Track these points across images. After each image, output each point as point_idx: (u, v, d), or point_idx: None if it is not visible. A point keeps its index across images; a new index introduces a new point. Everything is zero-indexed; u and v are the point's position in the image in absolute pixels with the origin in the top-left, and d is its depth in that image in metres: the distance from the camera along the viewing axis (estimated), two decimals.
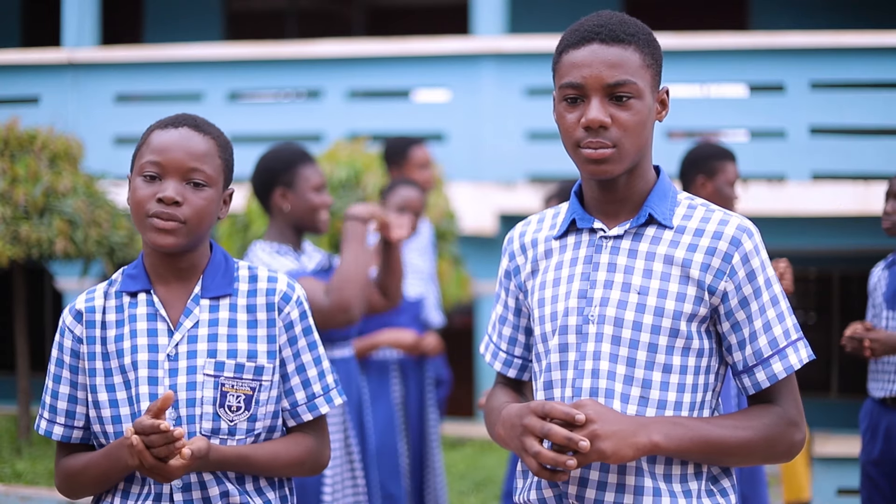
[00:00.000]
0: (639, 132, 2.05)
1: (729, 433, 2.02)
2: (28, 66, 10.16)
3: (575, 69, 2.04)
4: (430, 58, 9.64)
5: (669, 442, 1.99)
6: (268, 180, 3.82)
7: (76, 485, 2.31)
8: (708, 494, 2.07)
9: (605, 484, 2.03)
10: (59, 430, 2.31)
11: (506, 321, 2.28)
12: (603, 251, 2.10)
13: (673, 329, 2.04)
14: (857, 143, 9.10)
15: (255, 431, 2.28)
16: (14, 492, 5.98)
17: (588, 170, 2.06)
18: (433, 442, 4.86)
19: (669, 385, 2.04)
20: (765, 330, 2.07)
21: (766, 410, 2.08)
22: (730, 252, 2.05)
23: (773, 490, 7.17)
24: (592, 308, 2.07)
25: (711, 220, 2.08)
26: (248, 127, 9.76)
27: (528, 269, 2.21)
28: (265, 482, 2.31)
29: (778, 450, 2.07)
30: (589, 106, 2.03)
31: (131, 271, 2.31)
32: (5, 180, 6.98)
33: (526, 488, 2.14)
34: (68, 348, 2.29)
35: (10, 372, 10.64)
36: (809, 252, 10.59)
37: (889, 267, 4.39)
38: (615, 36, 2.04)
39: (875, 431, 4.37)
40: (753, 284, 2.06)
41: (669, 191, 2.14)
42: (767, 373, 2.07)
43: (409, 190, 4.89)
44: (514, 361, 2.29)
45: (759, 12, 12.11)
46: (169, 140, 2.24)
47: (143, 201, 2.21)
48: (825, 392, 11.76)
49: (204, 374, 2.22)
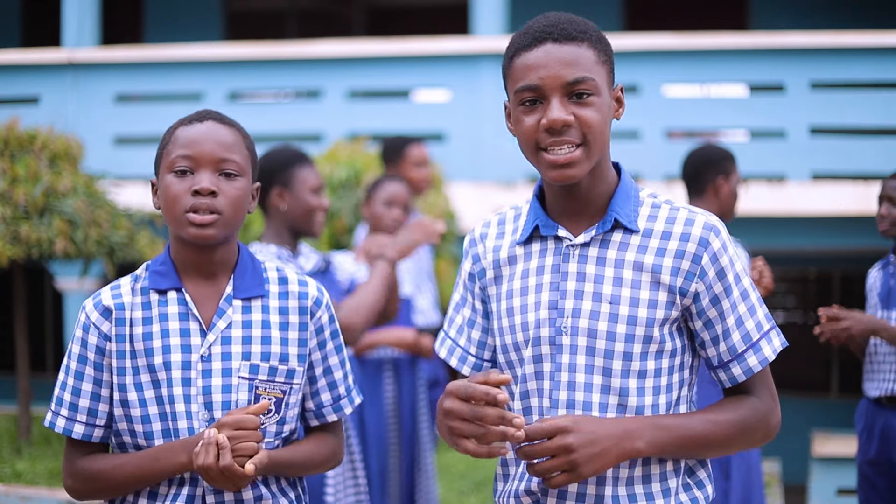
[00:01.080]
0: (602, 129, 2.01)
1: (708, 428, 2.03)
2: (28, 66, 10.16)
3: (530, 71, 2.00)
4: (430, 58, 9.64)
5: (653, 448, 1.99)
6: (265, 180, 3.82)
7: (101, 486, 2.25)
8: (685, 489, 2.07)
9: (583, 495, 2.02)
10: (79, 429, 2.26)
11: (475, 324, 2.23)
12: (571, 260, 2.07)
13: (647, 336, 2.03)
14: (857, 143, 9.10)
15: (283, 434, 2.28)
16: (14, 492, 5.98)
17: (552, 175, 2.01)
18: (425, 443, 4.85)
19: (646, 390, 2.04)
20: (737, 325, 2.06)
21: (742, 402, 2.08)
22: (698, 253, 2.03)
23: (771, 490, 7.18)
24: (565, 319, 2.04)
25: (677, 221, 2.06)
26: (248, 127, 9.56)
27: (490, 275, 2.16)
28: (286, 482, 2.31)
29: (755, 437, 2.09)
30: (549, 107, 1.99)
31: (158, 268, 2.27)
32: (5, 180, 6.98)
33: (505, 493, 2.13)
34: (93, 345, 2.24)
35: (10, 372, 10.64)
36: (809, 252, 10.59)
37: (884, 267, 4.40)
38: (567, 34, 2.00)
39: (871, 431, 4.37)
40: (724, 282, 2.05)
41: (632, 191, 2.10)
42: (743, 367, 2.08)
43: (395, 184, 4.87)
44: (484, 365, 2.24)
45: (759, 12, 12.11)
46: (197, 133, 2.23)
47: (178, 196, 2.19)
48: (825, 392, 11.76)
49: (239, 377, 2.20)
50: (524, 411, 2.09)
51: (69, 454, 2.30)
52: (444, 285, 7.48)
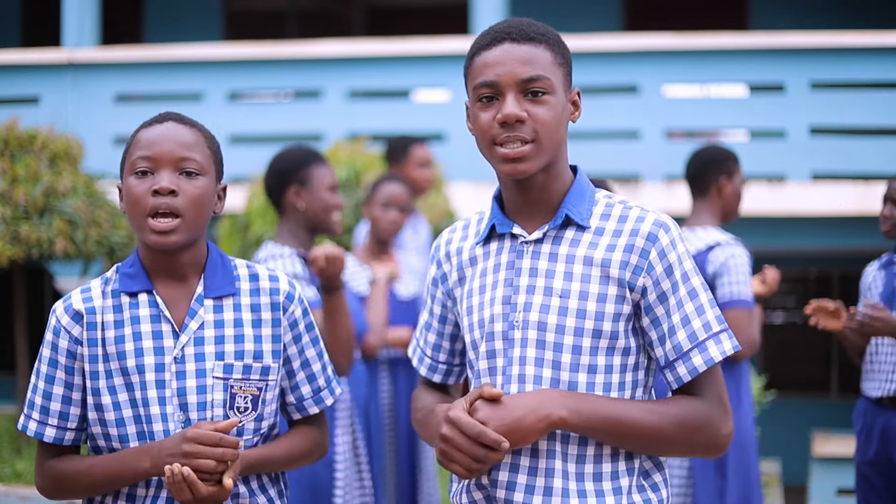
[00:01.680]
0: (554, 127, 2.06)
1: (642, 415, 2.02)
2: (28, 66, 10.16)
3: (488, 68, 2.07)
4: (430, 58, 9.64)
5: (577, 417, 1.99)
6: (281, 178, 3.84)
7: (70, 487, 2.27)
8: (639, 490, 2.07)
9: (532, 487, 2.03)
10: (50, 432, 2.27)
11: (430, 327, 2.30)
12: (524, 256, 2.11)
13: (596, 330, 2.04)
14: (857, 143, 9.10)
15: (261, 431, 2.28)
16: (14, 492, 5.98)
17: (504, 169, 2.07)
18: (424, 443, 4.84)
19: (595, 386, 2.05)
20: (683, 324, 2.06)
21: (683, 399, 2.07)
22: (647, 248, 2.06)
23: (771, 490, 7.17)
24: (517, 314, 2.08)
25: (629, 218, 2.09)
26: (248, 127, 9.76)
27: (454, 277, 2.22)
28: (266, 479, 2.32)
29: (697, 441, 2.06)
30: (504, 102, 2.05)
31: (128, 270, 2.28)
32: (5, 180, 6.98)
33: (458, 492, 2.16)
34: (64, 349, 2.25)
35: (10, 372, 10.64)
36: (809, 252, 10.59)
37: (885, 267, 4.39)
38: (525, 35, 2.08)
39: (870, 431, 4.36)
40: (671, 279, 2.06)
41: (587, 191, 2.14)
42: (688, 366, 2.07)
43: (394, 186, 4.85)
44: (439, 367, 2.31)
45: (759, 12, 12.11)
46: (156, 134, 2.24)
47: (139, 197, 2.20)
48: (825, 392, 11.76)
49: (214, 377, 2.21)
50: None
51: (40, 455, 2.32)
52: None
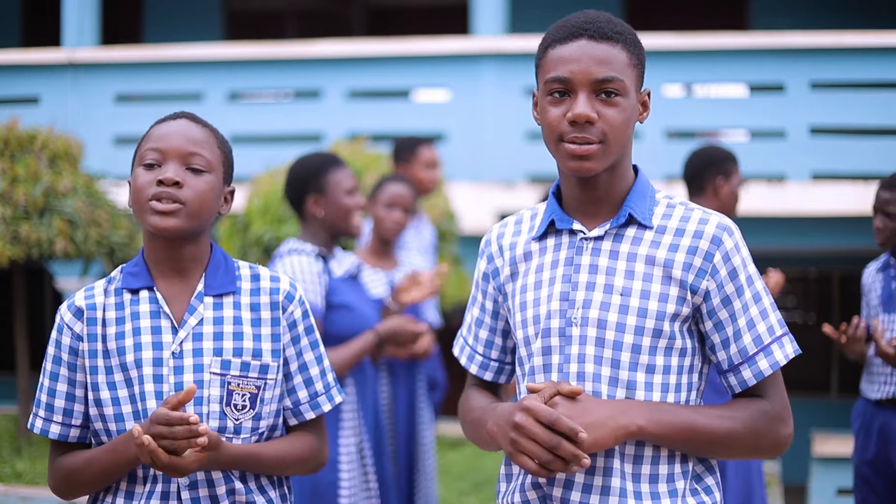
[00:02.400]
0: (623, 130, 2.04)
1: (714, 422, 2.02)
2: (28, 66, 10.16)
3: (562, 64, 2.04)
4: (430, 58, 9.64)
5: (655, 427, 1.98)
6: (300, 188, 3.88)
7: (75, 483, 2.29)
8: (692, 493, 2.07)
9: (589, 486, 2.02)
10: (56, 429, 2.30)
11: (482, 324, 2.27)
12: (584, 253, 2.09)
13: (656, 329, 2.03)
14: (857, 143, 9.10)
15: (259, 430, 2.28)
16: (14, 492, 5.98)
17: (570, 166, 2.05)
18: (425, 444, 4.83)
19: (654, 385, 2.04)
20: (748, 328, 2.06)
21: (751, 403, 2.07)
22: (711, 251, 2.04)
23: (771, 490, 7.17)
24: (575, 310, 2.06)
25: (691, 220, 2.08)
26: (248, 127, 9.76)
27: (506, 272, 2.19)
28: (266, 480, 2.32)
29: (763, 443, 2.06)
30: (576, 101, 2.03)
31: (132, 269, 2.31)
32: (5, 180, 6.98)
33: (510, 491, 2.13)
34: (67, 345, 2.28)
35: (10, 372, 10.64)
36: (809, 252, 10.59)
37: (883, 269, 4.39)
38: (603, 33, 2.05)
39: (868, 431, 4.36)
40: (735, 282, 2.05)
41: (648, 190, 2.13)
42: (753, 370, 2.07)
43: (398, 186, 4.84)
44: (491, 364, 2.28)
45: (759, 12, 12.10)
46: (168, 129, 2.27)
47: (143, 186, 2.22)
48: (825, 392, 11.76)
49: (210, 373, 2.22)
50: None
51: (51, 454, 2.35)
52: (443, 285, 7.48)
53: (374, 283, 4.50)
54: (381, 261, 4.80)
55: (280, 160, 7.74)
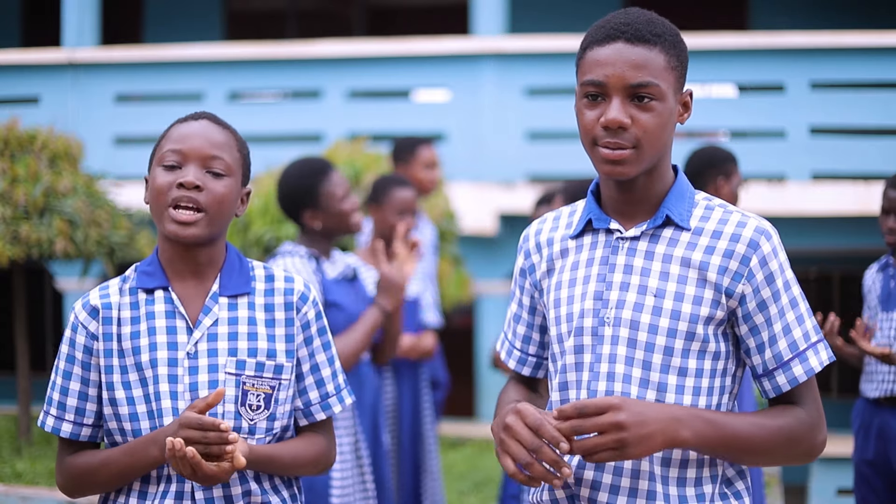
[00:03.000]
0: (658, 135, 2.02)
1: (754, 431, 2.00)
2: (28, 66, 10.16)
3: (598, 67, 2.01)
4: (430, 58, 9.64)
5: (698, 440, 1.97)
6: (294, 204, 3.89)
7: (88, 483, 2.28)
8: (721, 497, 2.05)
9: (617, 488, 2.01)
10: (67, 428, 2.29)
11: (520, 319, 2.27)
12: (619, 252, 2.08)
13: (689, 332, 2.02)
14: (857, 143, 9.10)
15: (274, 431, 2.28)
16: (14, 492, 5.98)
17: (604, 170, 2.04)
18: (429, 444, 4.83)
19: (685, 388, 2.02)
20: (784, 333, 2.04)
21: (788, 410, 2.05)
22: (748, 255, 2.03)
23: (771, 490, 7.17)
24: (608, 310, 2.05)
25: (729, 222, 2.06)
26: (248, 127, 9.75)
27: (543, 268, 2.19)
28: (279, 480, 2.32)
29: (799, 450, 2.06)
30: (609, 105, 2.00)
31: (146, 268, 2.30)
32: (5, 180, 6.98)
33: (539, 489, 2.12)
34: (81, 344, 2.27)
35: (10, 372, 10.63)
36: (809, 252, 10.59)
37: (883, 269, 4.40)
38: (641, 36, 2.01)
39: (868, 430, 4.38)
40: (772, 287, 2.04)
41: (687, 192, 2.11)
42: (788, 376, 2.05)
43: (406, 191, 4.79)
44: (529, 359, 2.28)
45: (759, 12, 12.10)
46: (189, 130, 2.27)
47: (163, 188, 2.22)
48: (825, 392, 11.74)
49: (225, 373, 2.22)
50: (562, 403, 2.09)
51: (60, 453, 2.34)
52: (444, 285, 7.48)
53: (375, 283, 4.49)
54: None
55: (280, 160, 7.74)
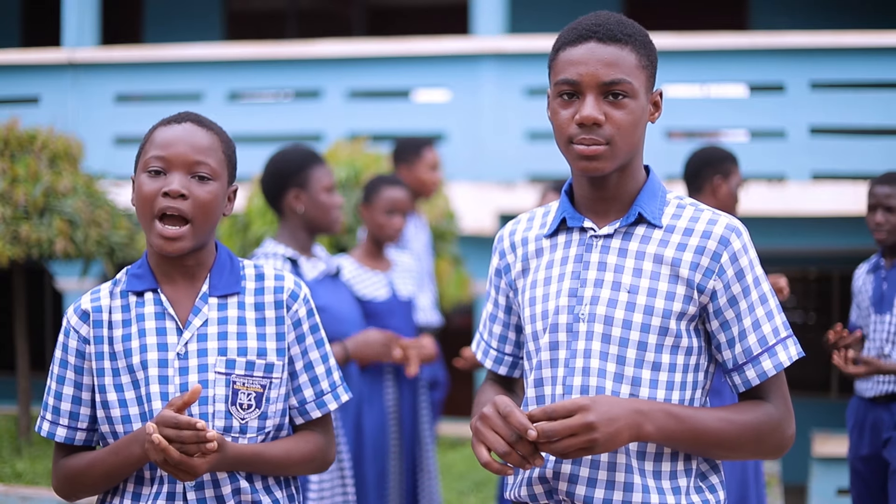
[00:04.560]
0: (631, 131, 2.07)
1: (721, 426, 2.04)
2: (28, 66, 10.16)
3: (571, 66, 2.07)
4: (430, 58, 9.64)
5: (661, 434, 2.01)
6: (280, 182, 3.85)
7: (79, 484, 2.29)
8: (696, 491, 2.09)
9: (594, 481, 2.05)
10: (62, 432, 2.29)
11: (496, 318, 2.31)
12: (593, 250, 2.12)
13: (662, 327, 2.06)
14: (858, 143, 9.10)
15: (266, 429, 2.28)
16: (14, 492, 5.98)
17: (579, 166, 2.08)
18: (427, 444, 4.83)
19: (659, 383, 2.06)
20: (754, 328, 2.09)
21: (756, 405, 2.09)
22: (718, 251, 2.07)
23: (771, 490, 7.17)
24: (583, 307, 2.09)
25: (700, 220, 2.11)
26: (248, 127, 9.76)
27: (518, 268, 2.23)
28: (273, 480, 2.32)
29: (767, 445, 2.09)
30: (584, 103, 2.06)
31: (136, 271, 2.31)
32: (5, 180, 6.98)
33: (517, 485, 2.16)
34: (73, 349, 2.28)
35: (10, 372, 10.64)
36: (809, 252, 10.59)
37: (873, 271, 4.43)
38: (612, 35, 2.07)
39: (862, 428, 4.42)
40: (742, 283, 2.08)
41: (659, 190, 2.16)
42: (757, 370, 2.09)
43: (396, 190, 4.76)
44: (505, 359, 2.32)
45: (759, 12, 12.11)
46: (173, 135, 2.25)
47: (149, 196, 2.22)
48: (825, 392, 11.76)
49: (215, 373, 2.22)
50: (537, 400, 2.13)
51: (55, 457, 2.35)
52: (443, 285, 7.48)
53: (374, 285, 4.52)
54: (377, 262, 4.79)
55: None
